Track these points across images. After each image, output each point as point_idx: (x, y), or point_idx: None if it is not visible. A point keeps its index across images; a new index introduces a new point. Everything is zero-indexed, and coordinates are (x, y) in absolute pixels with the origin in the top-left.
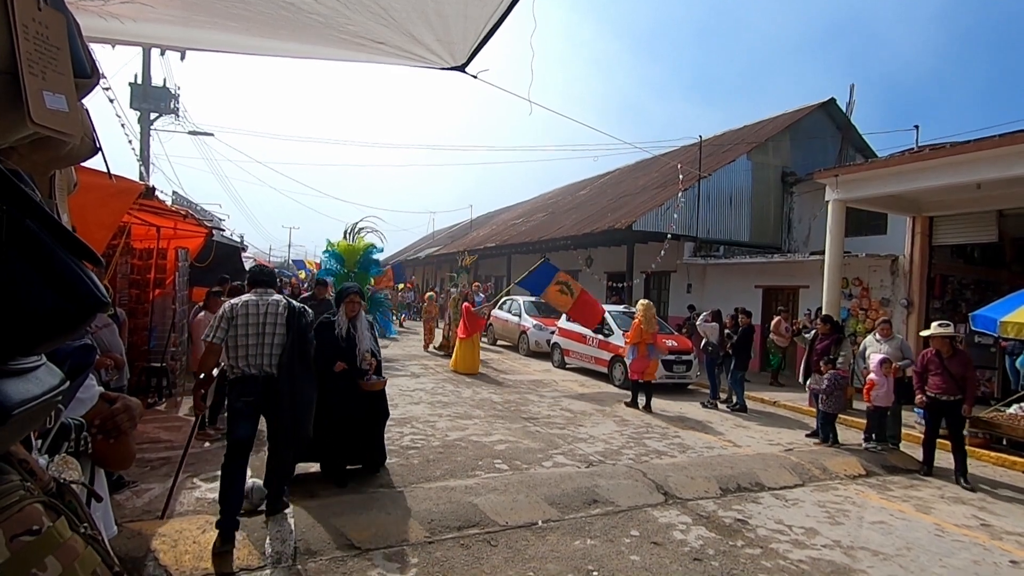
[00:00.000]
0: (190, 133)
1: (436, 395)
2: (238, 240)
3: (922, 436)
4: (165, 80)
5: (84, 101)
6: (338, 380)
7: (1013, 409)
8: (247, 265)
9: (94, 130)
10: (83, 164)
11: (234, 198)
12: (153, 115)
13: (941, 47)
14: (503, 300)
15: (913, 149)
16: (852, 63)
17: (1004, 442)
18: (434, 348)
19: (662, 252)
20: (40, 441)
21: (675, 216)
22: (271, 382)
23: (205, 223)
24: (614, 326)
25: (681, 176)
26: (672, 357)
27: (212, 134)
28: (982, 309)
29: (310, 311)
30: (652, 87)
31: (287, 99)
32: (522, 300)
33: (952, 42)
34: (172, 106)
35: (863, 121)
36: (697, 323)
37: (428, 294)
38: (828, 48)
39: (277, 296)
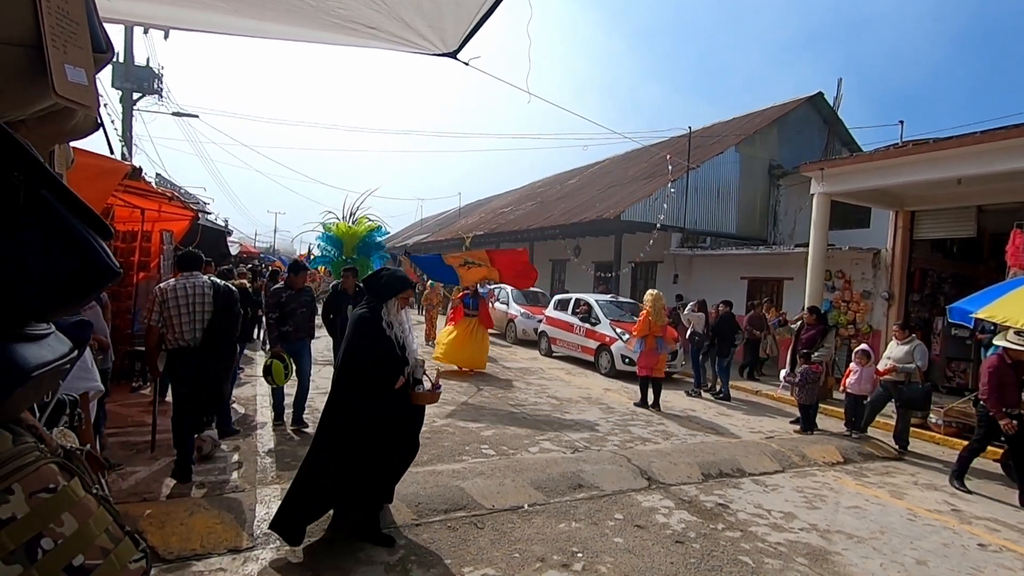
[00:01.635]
0: (174, 114)
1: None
2: (223, 224)
3: (894, 425)
4: (148, 59)
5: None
6: (398, 399)
7: None
8: (233, 250)
9: (100, 105)
10: (70, 143)
11: (219, 182)
12: (136, 95)
13: (932, 45)
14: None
15: (897, 144)
16: (843, 59)
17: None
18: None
19: (650, 243)
20: (39, 414)
21: (664, 207)
22: (198, 352)
23: (191, 206)
24: (601, 315)
25: (671, 167)
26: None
27: (197, 115)
28: (959, 302)
29: (234, 289)
30: (648, 78)
31: (275, 81)
32: (510, 289)
33: (943, 41)
34: (155, 86)
35: (851, 116)
36: (683, 313)
37: (430, 281)
38: (818, 44)
39: (204, 278)
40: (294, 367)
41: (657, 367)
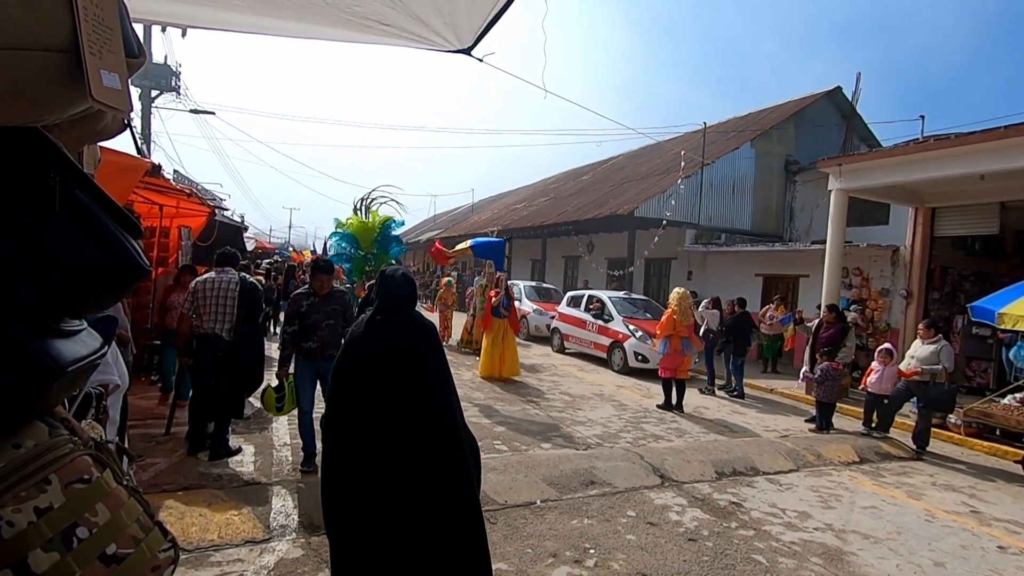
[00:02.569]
0: (191, 111)
1: None
2: (239, 220)
3: (913, 425)
4: (166, 57)
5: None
6: None
7: (1007, 400)
8: (248, 246)
9: (131, 108)
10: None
11: (235, 178)
12: (154, 92)
13: (956, 39)
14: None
15: (918, 139)
16: (863, 53)
17: (997, 432)
18: (458, 344)
19: (656, 239)
20: (68, 406)
21: (672, 203)
22: (225, 342)
23: (208, 202)
24: (614, 312)
25: (684, 163)
26: None
27: (214, 112)
28: (980, 300)
29: (259, 284)
30: (666, 73)
31: (291, 78)
32: (523, 284)
33: (967, 34)
34: (173, 83)
35: (870, 111)
36: (697, 310)
37: (445, 279)
38: (839, 38)
39: (233, 274)
40: (297, 394)
41: (682, 368)
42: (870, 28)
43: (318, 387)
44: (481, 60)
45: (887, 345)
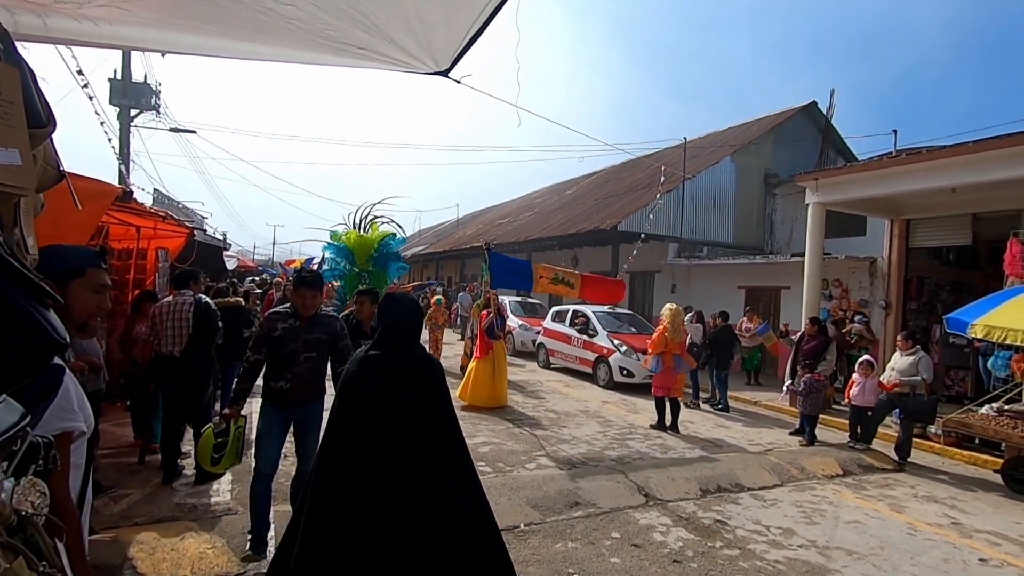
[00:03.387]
0: (172, 130)
1: None
2: (221, 238)
3: (896, 436)
4: (146, 76)
5: (57, 103)
6: None
7: (985, 409)
8: (230, 264)
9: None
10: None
11: (217, 196)
12: (133, 112)
13: (928, 55)
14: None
15: (891, 153)
16: (839, 69)
17: (976, 441)
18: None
19: (634, 252)
20: (6, 463)
21: (650, 217)
22: (177, 362)
23: (186, 224)
24: (598, 326)
25: (664, 178)
26: None
27: (194, 131)
28: (955, 312)
29: (212, 304)
30: (648, 89)
31: (272, 97)
32: (507, 300)
33: (940, 49)
34: (153, 102)
35: (846, 124)
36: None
37: (436, 297)
38: (816, 53)
39: (189, 295)
40: (257, 448)
41: (675, 387)
42: (844, 44)
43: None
44: (459, 82)
45: (867, 357)
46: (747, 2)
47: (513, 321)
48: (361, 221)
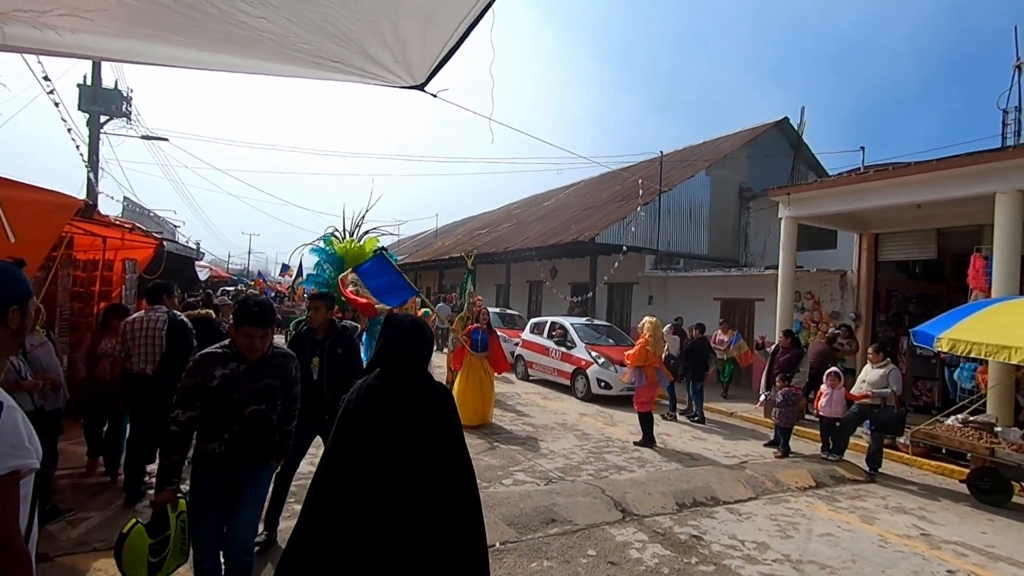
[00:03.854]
0: (143, 138)
1: None
2: (193, 247)
3: (867, 447)
4: (117, 82)
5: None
6: None
7: (951, 421)
8: (202, 275)
9: None
10: (18, 180)
11: (190, 204)
12: (103, 118)
13: (896, 75)
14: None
15: (859, 170)
16: (813, 84)
17: (943, 451)
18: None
19: (615, 265)
20: None
21: (632, 230)
22: (148, 380)
23: (154, 235)
24: (576, 338)
25: (642, 191)
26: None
27: (167, 139)
28: (921, 325)
29: (187, 320)
30: (626, 101)
31: (248, 105)
32: (487, 310)
33: (907, 70)
34: (124, 109)
35: (816, 138)
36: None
37: (423, 309)
38: (790, 69)
39: (163, 311)
40: (190, 530)
41: (653, 401)
42: (816, 62)
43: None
44: (435, 96)
45: (835, 368)
46: (723, 21)
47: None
48: (355, 230)
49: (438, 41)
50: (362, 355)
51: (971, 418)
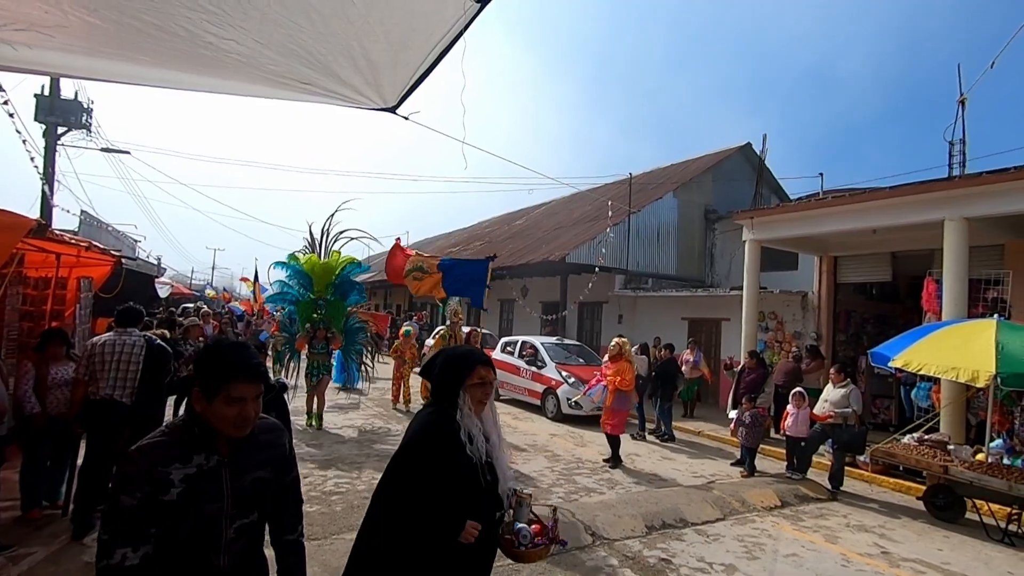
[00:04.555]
0: (103, 150)
1: (365, 433)
2: (154, 263)
3: (829, 465)
4: (77, 93)
5: None
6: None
7: (907, 439)
8: (162, 292)
9: None
10: None
11: (152, 219)
12: (61, 129)
13: (854, 103)
14: (437, 329)
15: (819, 195)
16: (776, 110)
17: (901, 468)
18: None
19: (589, 285)
20: None
21: (603, 251)
22: (125, 407)
23: (112, 252)
24: (547, 358)
25: (611, 212)
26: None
27: (128, 152)
28: (878, 347)
29: (166, 347)
30: (599, 124)
31: (215, 120)
32: (416, 325)
33: (865, 99)
34: (84, 120)
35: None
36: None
37: (404, 328)
38: (753, 94)
39: (137, 335)
40: None
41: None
42: (779, 90)
43: None
44: (407, 118)
45: (800, 389)
46: (692, 48)
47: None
48: (323, 239)
49: (410, 65)
50: (335, 366)
51: (926, 436)
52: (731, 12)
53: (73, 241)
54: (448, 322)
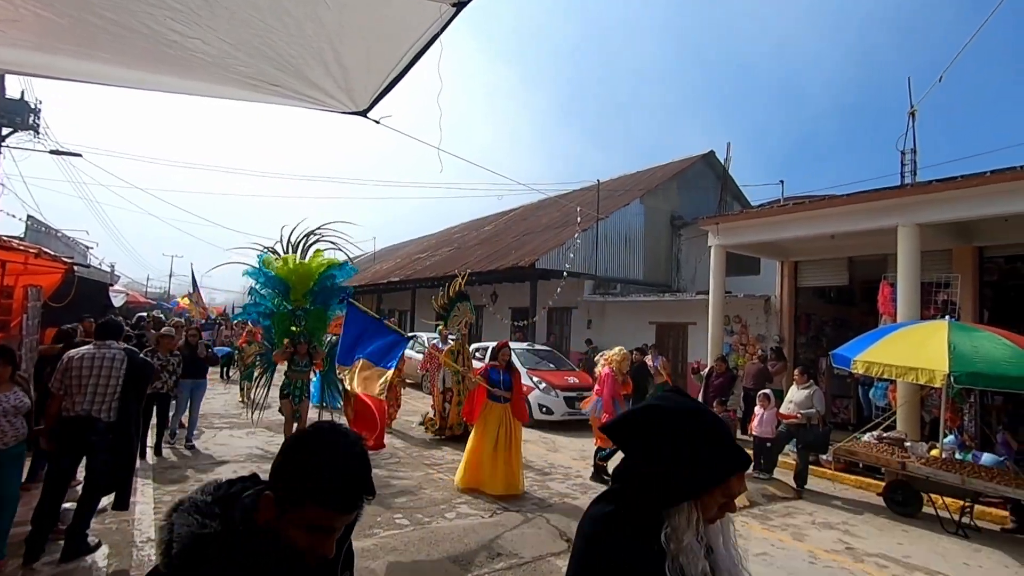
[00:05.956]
0: (52, 152)
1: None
2: (108, 270)
3: (794, 464)
4: (24, 93)
5: None
6: None
7: (867, 437)
8: (116, 301)
9: None
10: None
11: (106, 225)
12: (6, 131)
13: (813, 115)
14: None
15: (779, 202)
16: (738, 120)
17: (861, 466)
18: (429, 430)
19: (558, 290)
20: None
21: (571, 256)
22: (103, 423)
23: (64, 259)
24: (517, 363)
25: (580, 218)
26: (573, 393)
27: (80, 155)
28: (839, 348)
29: (149, 362)
30: (568, 131)
31: (174, 123)
32: (426, 337)
33: (823, 112)
34: (31, 121)
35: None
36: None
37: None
38: (717, 106)
39: (117, 348)
40: None
41: None
42: (742, 100)
43: None
44: (378, 122)
45: (766, 391)
46: (660, 62)
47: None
48: (300, 242)
49: (382, 70)
50: (313, 391)
51: (884, 434)
52: (698, 31)
53: (21, 247)
54: (457, 334)
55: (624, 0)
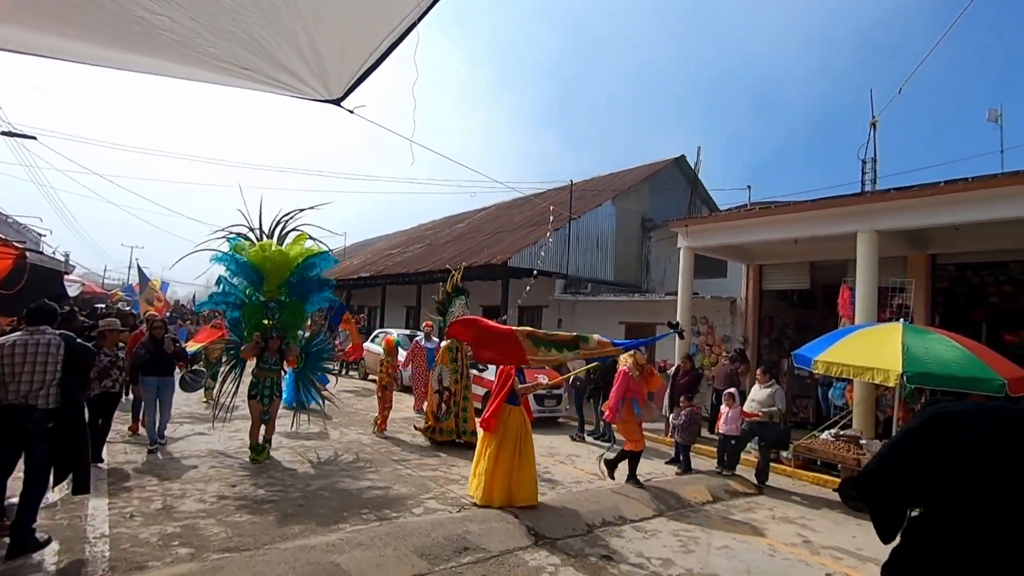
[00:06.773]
0: (5, 134)
1: (298, 439)
2: (62, 259)
3: (756, 461)
4: None
5: None
6: None
7: (825, 435)
8: (72, 291)
9: None
10: None
11: (61, 211)
12: None
13: (781, 122)
14: (375, 333)
15: (746, 206)
16: (706, 124)
17: (818, 463)
18: (418, 428)
19: (527, 288)
20: None
21: (542, 254)
22: (40, 412)
23: (16, 243)
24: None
25: (552, 218)
26: (544, 392)
27: (35, 137)
28: (800, 348)
29: (89, 347)
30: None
31: (138, 106)
32: (396, 333)
33: (790, 120)
34: None
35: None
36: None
37: (392, 337)
38: (685, 112)
39: (52, 333)
40: None
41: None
42: (714, 107)
43: None
44: (352, 112)
45: (732, 389)
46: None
47: (401, 355)
48: (278, 228)
49: (358, 58)
50: (284, 388)
51: (841, 433)
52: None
53: None
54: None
55: (604, 14)
